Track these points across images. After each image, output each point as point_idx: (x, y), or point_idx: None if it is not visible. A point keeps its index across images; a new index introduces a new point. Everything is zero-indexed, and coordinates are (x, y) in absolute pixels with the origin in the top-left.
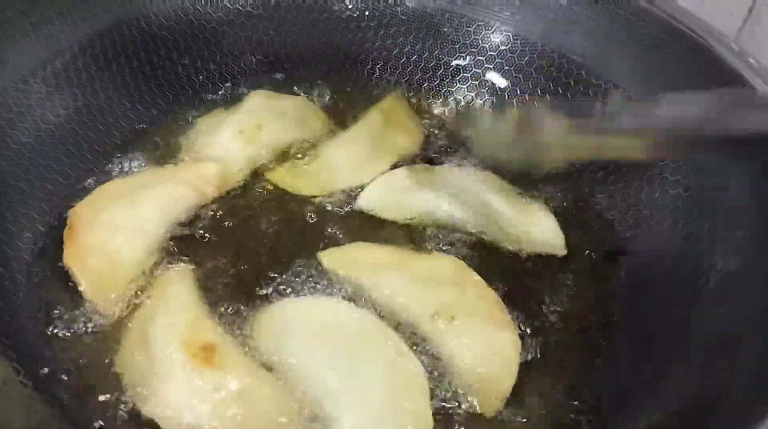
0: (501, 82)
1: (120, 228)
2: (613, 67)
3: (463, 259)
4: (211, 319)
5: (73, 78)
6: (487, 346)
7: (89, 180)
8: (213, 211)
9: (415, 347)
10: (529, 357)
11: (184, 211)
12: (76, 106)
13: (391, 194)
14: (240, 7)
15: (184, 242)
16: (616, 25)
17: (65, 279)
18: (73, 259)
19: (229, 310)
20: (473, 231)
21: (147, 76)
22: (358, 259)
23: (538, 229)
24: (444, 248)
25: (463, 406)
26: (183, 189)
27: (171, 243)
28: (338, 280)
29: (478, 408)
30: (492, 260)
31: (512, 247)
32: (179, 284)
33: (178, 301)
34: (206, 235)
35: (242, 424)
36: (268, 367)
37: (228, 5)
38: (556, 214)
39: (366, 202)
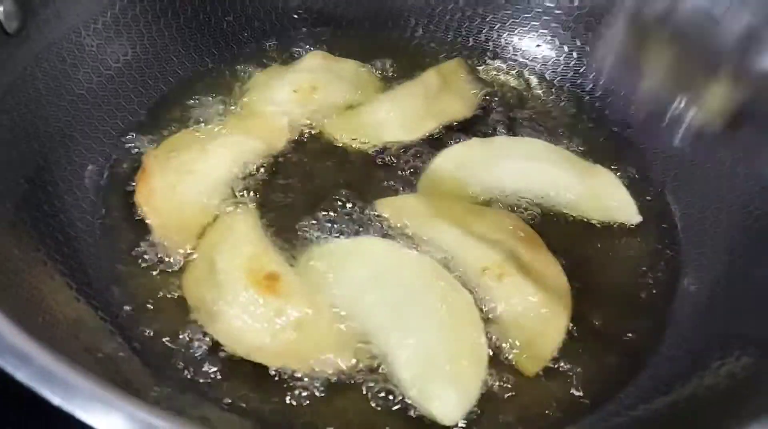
0: (550, 42)
1: (191, 172)
2: None
3: (525, 220)
4: (273, 251)
5: (124, 31)
6: (534, 307)
7: (145, 128)
8: (273, 158)
9: None
10: (580, 324)
11: (252, 161)
12: (126, 58)
13: (451, 174)
14: None
15: (248, 186)
16: None
17: (133, 220)
18: (144, 198)
19: (288, 246)
20: (538, 202)
21: (195, 31)
22: (415, 208)
23: (608, 197)
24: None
25: (503, 362)
26: (254, 141)
27: (236, 187)
28: (393, 228)
29: (518, 367)
30: (554, 225)
31: (580, 216)
32: (244, 218)
33: (243, 232)
34: (267, 180)
35: (299, 350)
36: (323, 300)
37: None
38: None
39: (426, 185)
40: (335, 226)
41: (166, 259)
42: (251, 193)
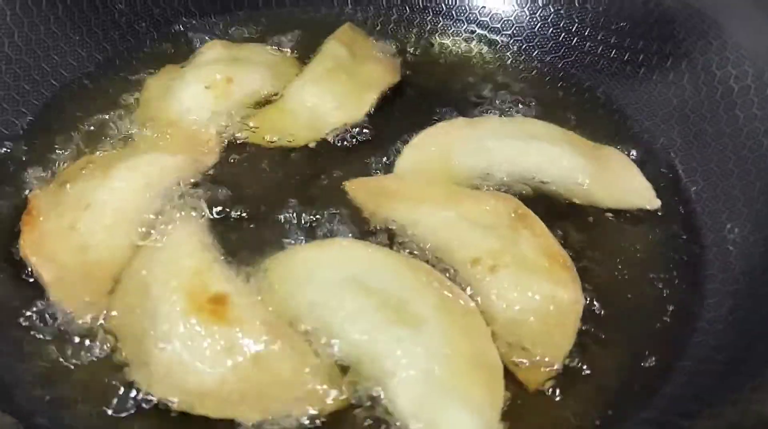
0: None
1: (91, 206)
2: None
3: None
4: (222, 267)
5: None
6: (537, 306)
7: (28, 155)
8: (206, 172)
9: None
10: (593, 329)
11: (178, 182)
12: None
13: (434, 155)
14: None
15: (182, 205)
16: None
17: (19, 272)
18: (32, 248)
19: (242, 259)
20: (535, 186)
21: (79, 25)
22: (393, 191)
23: (621, 181)
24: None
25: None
26: (172, 156)
27: (167, 206)
28: (366, 218)
29: (518, 377)
30: (561, 211)
31: (588, 203)
32: (185, 229)
33: (183, 246)
34: (203, 196)
35: (261, 393)
36: (288, 322)
37: None
38: None
39: (404, 166)
40: (294, 228)
41: (69, 324)
42: (188, 207)
